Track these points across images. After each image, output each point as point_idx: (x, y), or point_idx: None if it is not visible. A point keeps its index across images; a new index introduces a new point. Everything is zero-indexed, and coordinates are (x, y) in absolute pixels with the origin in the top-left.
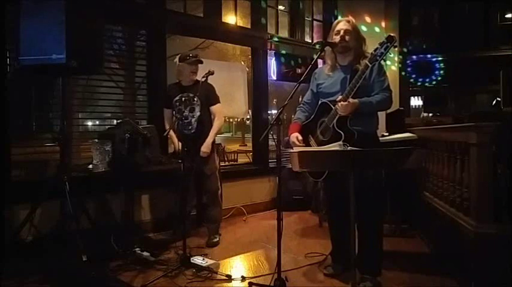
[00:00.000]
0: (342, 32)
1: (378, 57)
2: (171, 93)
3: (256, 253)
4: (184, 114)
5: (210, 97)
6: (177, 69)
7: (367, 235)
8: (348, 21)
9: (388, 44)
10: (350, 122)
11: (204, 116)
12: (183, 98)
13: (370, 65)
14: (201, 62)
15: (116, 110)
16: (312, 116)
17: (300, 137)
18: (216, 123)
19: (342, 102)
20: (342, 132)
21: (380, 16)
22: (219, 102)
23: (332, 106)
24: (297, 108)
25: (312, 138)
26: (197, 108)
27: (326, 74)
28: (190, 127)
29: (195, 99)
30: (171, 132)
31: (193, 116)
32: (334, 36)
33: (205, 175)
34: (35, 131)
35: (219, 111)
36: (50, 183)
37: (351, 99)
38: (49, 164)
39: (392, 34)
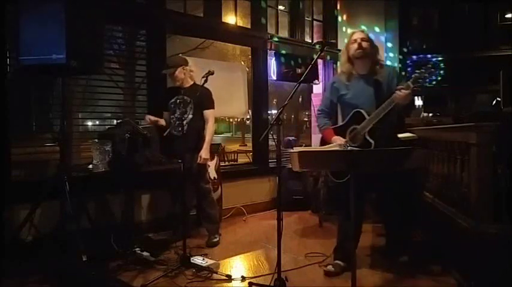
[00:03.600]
0: (358, 40)
1: (420, 81)
2: (169, 96)
3: (256, 253)
4: (177, 116)
5: (204, 101)
6: (169, 75)
7: (398, 226)
8: (362, 31)
9: (432, 70)
10: (378, 132)
11: (196, 119)
12: (178, 100)
13: (411, 86)
14: (172, 67)
15: (116, 110)
16: (343, 123)
17: (343, 140)
18: (209, 131)
19: (404, 91)
20: (372, 141)
21: (380, 16)
22: (212, 107)
23: (366, 116)
24: (318, 115)
25: None
26: (190, 111)
27: (345, 84)
28: (180, 129)
29: (189, 102)
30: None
31: (185, 119)
32: (351, 45)
33: (194, 174)
34: (35, 131)
35: (211, 116)
36: (50, 183)
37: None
38: (49, 164)
39: (436, 62)
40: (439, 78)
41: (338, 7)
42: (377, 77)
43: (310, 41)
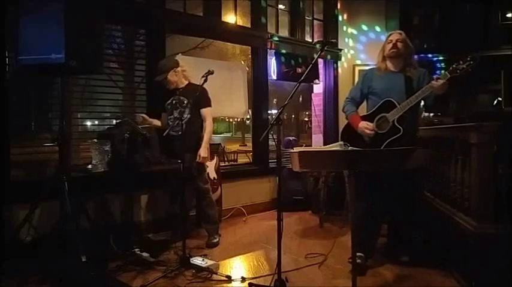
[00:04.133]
0: (394, 41)
1: (458, 71)
2: (165, 98)
3: (256, 253)
4: (175, 116)
5: (200, 100)
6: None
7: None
8: (400, 34)
9: (471, 62)
10: (407, 122)
11: (193, 118)
12: (174, 101)
13: (449, 75)
14: (165, 71)
15: (115, 110)
16: (371, 111)
17: (371, 125)
18: (208, 129)
19: (441, 81)
20: (401, 128)
21: (381, 16)
22: (209, 105)
23: (397, 104)
24: (346, 102)
25: None
26: (187, 111)
27: (378, 75)
28: (178, 129)
29: (185, 102)
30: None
31: (182, 119)
32: (386, 45)
33: (193, 174)
34: (34, 131)
35: (208, 114)
36: (49, 183)
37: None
38: (48, 164)
39: (476, 55)
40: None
41: (339, 6)
42: (409, 74)
43: (310, 40)
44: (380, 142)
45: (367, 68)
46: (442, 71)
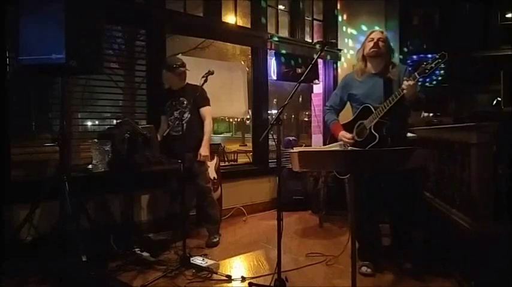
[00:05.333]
0: (375, 39)
1: (427, 71)
2: (164, 99)
3: (256, 253)
4: (175, 116)
5: (199, 100)
6: (164, 78)
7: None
8: (382, 32)
9: (439, 60)
10: (386, 127)
11: (193, 118)
12: (174, 102)
13: (418, 77)
14: (185, 66)
15: (116, 110)
16: (351, 119)
17: (349, 135)
18: (207, 128)
19: (410, 82)
20: (377, 135)
21: (380, 16)
22: (208, 105)
23: (373, 110)
24: (327, 111)
25: None
26: (187, 111)
27: (358, 80)
28: (179, 129)
29: (185, 103)
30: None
31: (183, 119)
32: (367, 43)
33: (193, 174)
34: (35, 131)
35: (208, 113)
36: (49, 183)
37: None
38: (48, 164)
39: (444, 52)
40: (440, 78)
41: (338, 7)
42: (389, 75)
43: (310, 40)
44: None
45: None
46: (413, 73)
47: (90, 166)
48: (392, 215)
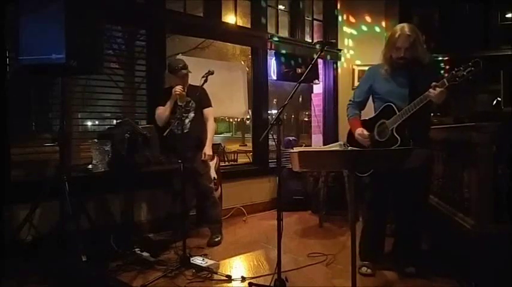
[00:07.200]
0: (402, 50)
1: (457, 79)
2: (166, 97)
3: (256, 253)
4: (177, 116)
5: (202, 100)
6: (167, 80)
7: (409, 229)
8: (409, 35)
9: (472, 69)
10: (408, 130)
11: (197, 117)
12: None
13: (447, 84)
14: (187, 68)
15: (116, 110)
16: (373, 115)
17: (366, 132)
18: (210, 128)
19: (438, 88)
20: (399, 137)
21: (380, 16)
22: (211, 105)
23: (397, 111)
24: (348, 105)
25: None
26: (192, 111)
27: (383, 77)
28: (183, 127)
29: (190, 103)
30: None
31: (187, 117)
32: (395, 51)
33: (197, 173)
34: (35, 131)
35: (211, 114)
36: (49, 183)
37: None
38: (48, 164)
39: (479, 60)
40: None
41: (338, 7)
42: (415, 73)
43: (310, 40)
44: None
45: (366, 68)
46: (442, 79)
47: (90, 166)
48: (397, 217)
